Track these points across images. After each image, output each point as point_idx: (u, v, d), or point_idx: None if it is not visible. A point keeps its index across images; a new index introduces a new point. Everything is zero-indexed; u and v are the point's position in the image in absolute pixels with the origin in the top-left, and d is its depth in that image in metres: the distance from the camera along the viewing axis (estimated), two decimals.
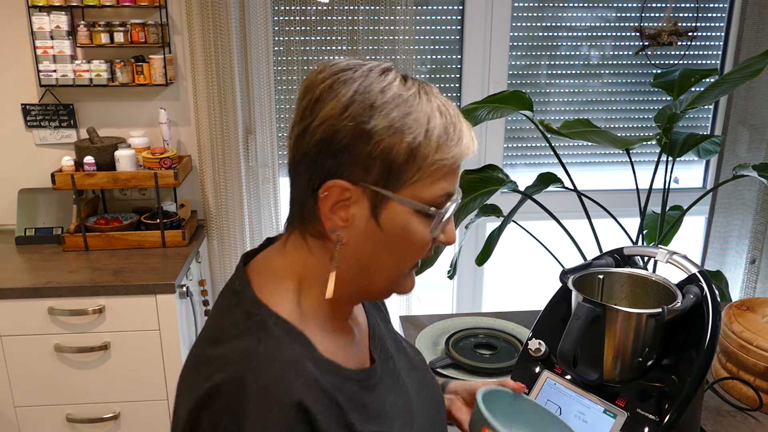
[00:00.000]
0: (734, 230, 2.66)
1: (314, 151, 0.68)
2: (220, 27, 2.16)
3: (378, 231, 0.70)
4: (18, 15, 2.19)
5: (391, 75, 0.69)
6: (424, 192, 0.69)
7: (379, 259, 0.72)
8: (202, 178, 2.35)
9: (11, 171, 2.35)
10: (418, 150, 0.67)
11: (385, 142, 0.66)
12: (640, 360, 1.04)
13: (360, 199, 0.69)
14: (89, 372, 1.98)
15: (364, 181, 0.68)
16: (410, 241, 0.71)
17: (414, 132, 0.67)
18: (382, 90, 0.67)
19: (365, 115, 0.66)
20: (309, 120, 0.68)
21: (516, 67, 2.52)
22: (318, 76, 0.70)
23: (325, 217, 0.69)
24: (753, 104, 2.49)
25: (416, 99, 0.68)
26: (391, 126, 0.66)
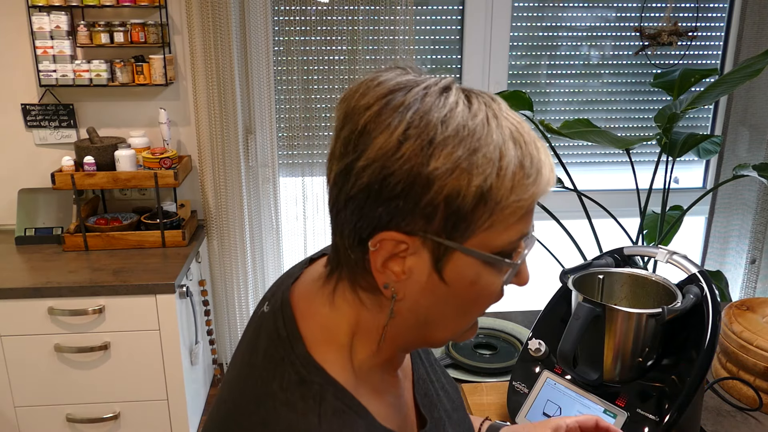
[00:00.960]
0: (734, 230, 2.66)
1: (361, 197, 0.56)
2: (220, 27, 2.16)
3: (441, 285, 0.59)
4: (18, 15, 2.19)
5: (453, 97, 0.57)
6: (496, 239, 0.58)
7: (442, 313, 0.62)
8: (202, 178, 2.35)
9: (11, 171, 2.35)
10: (489, 193, 0.55)
11: (448, 187, 0.54)
12: (640, 360, 1.04)
13: (419, 251, 0.58)
14: (89, 372, 1.98)
15: (424, 231, 0.56)
16: (479, 294, 0.61)
17: (484, 172, 0.55)
18: (443, 120, 0.55)
19: (424, 155, 0.54)
20: (352, 157, 0.56)
21: (516, 67, 2.52)
22: (361, 102, 0.57)
23: (376, 271, 0.59)
24: (753, 104, 2.49)
25: (485, 128, 0.56)
26: (456, 167, 0.54)
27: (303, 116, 2.38)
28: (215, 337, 2.48)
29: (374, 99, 0.56)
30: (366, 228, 0.57)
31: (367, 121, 0.56)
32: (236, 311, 2.49)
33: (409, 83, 0.57)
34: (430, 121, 0.54)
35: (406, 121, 0.55)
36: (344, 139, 0.57)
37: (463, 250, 0.57)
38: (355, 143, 0.56)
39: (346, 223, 0.58)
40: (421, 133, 0.54)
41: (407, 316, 0.62)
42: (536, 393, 1.11)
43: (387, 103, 0.56)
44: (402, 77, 0.58)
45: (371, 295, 0.62)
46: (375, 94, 0.57)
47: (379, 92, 0.57)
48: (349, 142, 0.57)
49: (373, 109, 0.56)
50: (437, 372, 0.81)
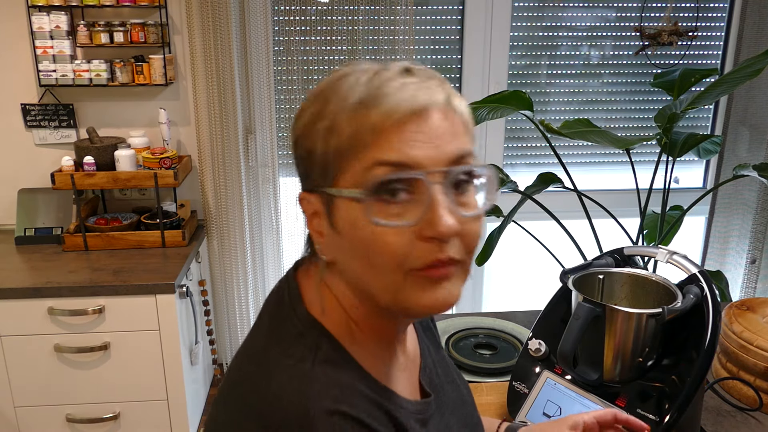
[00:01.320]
0: (734, 230, 2.66)
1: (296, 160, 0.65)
2: (220, 27, 2.16)
3: (338, 238, 0.60)
4: (18, 15, 2.19)
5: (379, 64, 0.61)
6: (355, 175, 0.57)
7: (356, 269, 0.61)
8: (202, 178, 2.35)
9: (11, 171, 2.35)
10: (333, 129, 0.58)
11: (309, 138, 0.60)
12: (640, 360, 1.04)
13: (318, 207, 0.62)
14: (89, 372, 1.98)
15: (313, 186, 0.61)
16: (366, 240, 0.57)
17: (330, 114, 0.58)
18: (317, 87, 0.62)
19: (294, 123, 0.63)
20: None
21: (516, 67, 2.52)
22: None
23: (311, 232, 0.65)
24: (753, 104, 2.49)
25: (342, 80, 0.59)
26: (311, 121, 0.60)
27: None
28: (215, 337, 2.48)
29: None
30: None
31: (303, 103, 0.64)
32: (236, 311, 2.48)
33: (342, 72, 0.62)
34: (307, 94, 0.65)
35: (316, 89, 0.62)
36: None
37: (334, 192, 0.59)
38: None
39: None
40: (300, 107, 0.62)
41: (347, 281, 0.64)
42: (536, 393, 1.11)
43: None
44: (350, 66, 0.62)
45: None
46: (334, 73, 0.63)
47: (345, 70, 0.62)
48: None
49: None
50: (448, 368, 0.82)
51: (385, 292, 0.60)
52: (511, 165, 2.63)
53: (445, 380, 0.79)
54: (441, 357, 0.83)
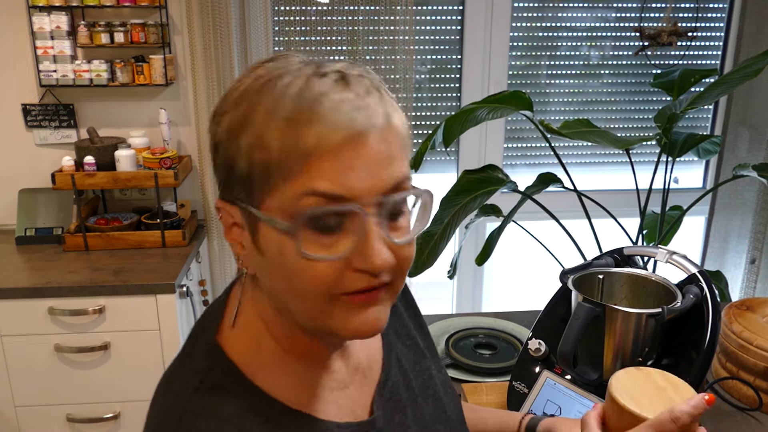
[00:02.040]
0: (734, 230, 2.66)
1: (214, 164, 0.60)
2: (220, 27, 2.16)
3: (262, 258, 0.56)
4: (18, 15, 2.20)
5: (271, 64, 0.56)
6: (282, 201, 0.52)
7: (279, 292, 0.57)
8: (202, 178, 2.35)
9: (11, 171, 2.35)
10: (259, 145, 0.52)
11: (230, 149, 0.54)
12: (640, 360, 1.04)
13: (241, 220, 0.57)
14: (89, 372, 1.98)
15: (234, 199, 0.56)
16: (291, 268, 0.54)
17: (256, 126, 0.52)
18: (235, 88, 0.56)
19: (215, 124, 0.57)
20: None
21: (516, 67, 2.52)
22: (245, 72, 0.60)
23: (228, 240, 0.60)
24: (753, 104, 2.49)
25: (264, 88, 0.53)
26: (232, 129, 0.54)
27: None
28: None
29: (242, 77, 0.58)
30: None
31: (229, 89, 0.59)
32: None
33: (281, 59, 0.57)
34: (228, 92, 0.56)
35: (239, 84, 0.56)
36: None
37: (259, 215, 0.54)
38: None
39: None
40: (220, 104, 0.56)
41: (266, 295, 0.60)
42: (536, 393, 1.11)
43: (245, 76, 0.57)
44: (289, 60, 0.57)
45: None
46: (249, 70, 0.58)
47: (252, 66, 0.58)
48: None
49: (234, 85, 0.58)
50: (428, 380, 0.77)
51: (308, 318, 0.57)
52: (511, 165, 2.63)
53: (420, 395, 0.74)
54: (423, 368, 0.77)
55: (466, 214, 1.91)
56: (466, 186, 1.94)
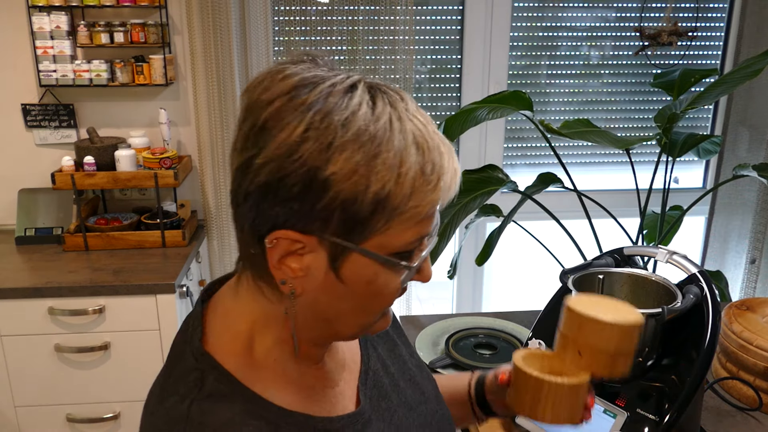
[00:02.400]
0: (734, 230, 2.66)
1: (258, 195, 0.55)
2: (220, 27, 2.16)
3: (338, 284, 0.59)
4: (18, 15, 2.19)
5: (357, 98, 0.55)
6: (394, 241, 0.57)
7: (341, 310, 0.61)
8: (202, 178, 2.35)
9: (11, 171, 2.35)
10: (387, 200, 0.54)
11: (345, 192, 0.53)
12: (640, 360, 1.04)
13: (317, 249, 0.57)
14: (89, 372, 1.98)
15: (321, 232, 0.56)
16: (377, 293, 0.60)
17: (383, 179, 0.54)
18: (344, 123, 0.53)
19: (322, 158, 0.53)
20: (251, 152, 0.55)
21: (516, 67, 2.52)
22: (263, 96, 0.56)
23: (273, 267, 0.58)
24: (753, 104, 2.49)
25: (386, 133, 0.54)
26: (354, 172, 0.53)
27: None
28: None
29: (277, 94, 0.55)
30: (263, 225, 0.57)
31: (268, 117, 0.54)
32: None
33: (315, 79, 0.56)
34: (330, 123, 0.53)
35: (306, 121, 0.53)
36: (245, 133, 0.56)
37: (360, 251, 0.57)
38: (254, 139, 0.55)
39: (245, 218, 0.58)
40: (320, 135, 0.53)
41: (307, 312, 0.62)
42: None
43: (289, 100, 0.54)
44: (309, 72, 0.56)
45: (273, 288, 0.61)
46: (278, 89, 0.55)
47: (283, 87, 0.55)
48: (249, 137, 0.56)
49: (275, 105, 0.54)
50: (404, 365, 0.80)
51: (354, 328, 0.64)
52: (511, 165, 2.63)
53: (400, 379, 0.77)
54: (397, 355, 0.80)
55: (466, 214, 1.91)
56: (466, 186, 1.94)
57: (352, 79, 0.57)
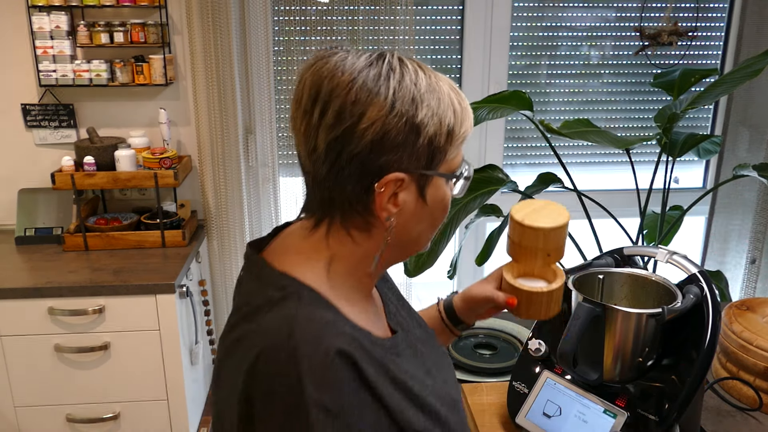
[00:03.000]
0: (734, 230, 2.66)
1: (366, 151, 0.70)
2: (220, 27, 2.16)
3: (424, 207, 0.76)
4: (18, 15, 2.20)
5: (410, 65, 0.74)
6: (452, 163, 0.77)
7: (422, 229, 0.79)
8: (202, 178, 2.35)
9: (11, 171, 2.35)
10: (453, 130, 0.74)
11: (431, 130, 0.72)
12: (640, 360, 1.04)
13: (409, 184, 0.73)
14: (89, 372, 1.98)
15: (415, 168, 0.73)
16: (444, 206, 0.79)
17: (449, 114, 0.73)
18: (414, 82, 0.71)
19: (411, 111, 0.70)
20: (349, 122, 0.69)
21: (516, 67, 2.52)
22: (342, 78, 0.70)
23: (381, 209, 0.73)
24: (753, 104, 2.49)
25: (437, 83, 0.74)
26: (433, 114, 0.72)
27: None
28: (215, 337, 2.48)
29: (355, 74, 0.70)
30: (371, 175, 0.71)
31: (357, 91, 0.69)
32: None
33: (371, 57, 0.73)
34: (406, 85, 0.71)
35: (390, 87, 0.70)
36: (336, 111, 0.69)
37: (438, 174, 0.75)
38: (350, 111, 0.69)
39: (349, 177, 0.71)
40: (404, 95, 0.70)
41: (395, 241, 0.77)
42: (536, 393, 1.11)
43: (367, 76, 0.70)
44: (357, 55, 0.73)
45: (362, 232, 0.76)
46: (352, 70, 0.70)
47: (355, 68, 0.71)
48: (342, 111, 0.69)
49: (358, 82, 0.69)
50: (411, 311, 0.95)
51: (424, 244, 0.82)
52: (511, 165, 2.63)
53: (410, 321, 0.91)
54: (402, 303, 0.95)
55: (466, 214, 1.91)
56: None
57: (389, 54, 0.74)
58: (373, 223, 0.75)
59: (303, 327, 0.67)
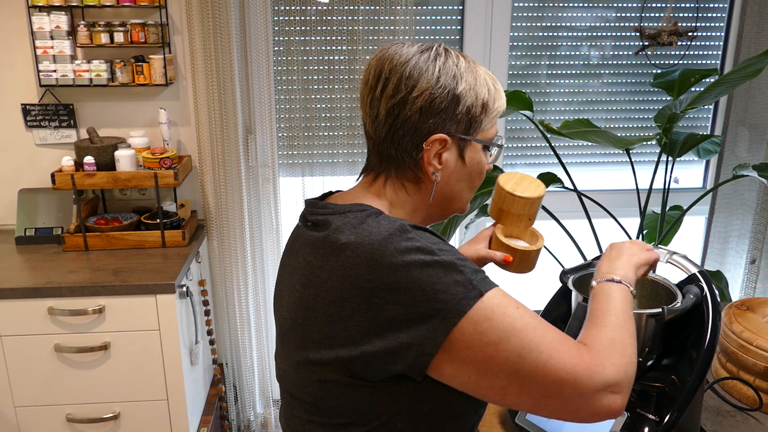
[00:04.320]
0: (734, 230, 2.66)
1: (416, 116, 0.87)
2: (220, 27, 2.16)
3: (463, 167, 0.93)
4: (18, 15, 2.20)
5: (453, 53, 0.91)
6: (488, 133, 0.93)
7: (461, 188, 0.95)
8: (202, 178, 2.35)
9: (11, 171, 2.35)
10: (487, 104, 0.91)
11: (468, 101, 0.89)
12: (640, 360, 1.04)
13: (451, 146, 0.90)
14: (89, 372, 1.98)
15: (456, 131, 0.89)
16: (480, 170, 0.95)
17: (483, 91, 0.90)
18: (456, 63, 0.89)
19: (453, 84, 0.88)
20: (404, 93, 0.87)
21: (516, 67, 2.52)
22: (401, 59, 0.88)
23: (427, 163, 0.90)
24: (753, 104, 2.49)
25: (475, 66, 0.91)
26: (471, 88, 0.89)
27: (303, 116, 2.38)
28: (215, 337, 2.48)
29: (410, 56, 0.89)
30: (420, 135, 0.89)
31: (411, 69, 0.88)
32: (236, 311, 2.49)
33: (421, 48, 0.90)
34: (449, 65, 0.89)
35: (438, 65, 0.88)
36: (394, 84, 0.88)
37: (476, 140, 0.92)
38: (405, 83, 0.87)
39: (403, 136, 0.89)
40: (448, 72, 0.88)
41: (439, 196, 0.94)
42: None
43: (419, 59, 0.88)
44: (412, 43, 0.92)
45: (414, 184, 0.93)
46: (407, 53, 0.89)
47: (410, 51, 0.89)
48: (399, 84, 0.88)
49: (411, 62, 0.88)
50: None
51: (462, 203, 0.98)
52: (511, 165, 2.63)
53: None
54: None
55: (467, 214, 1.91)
56: None
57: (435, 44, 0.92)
58: (422, 178, 0.91)
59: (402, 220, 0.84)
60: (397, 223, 0.83)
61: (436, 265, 0.78)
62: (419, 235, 0.82)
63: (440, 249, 0.81)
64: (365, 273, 0.79)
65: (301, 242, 0.93)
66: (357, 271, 0.80)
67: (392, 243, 0.80)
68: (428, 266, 0.78)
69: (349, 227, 0.84)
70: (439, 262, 0.79)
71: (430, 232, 0.85)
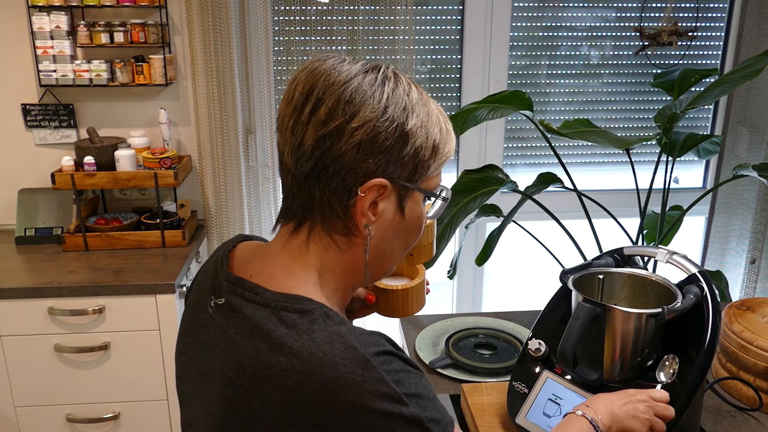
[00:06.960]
0: (734, 230, 2.66)
1: (352, 152, 0.69)
2: (220, 27, 2.16)
3: (402, 220, 0.76)
4: (18, 15, 2.20)
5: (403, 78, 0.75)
6: (431, 182, 0.77)
7: (395, 245, 0.79)
8: (202, 178, 2.35)
9: (11, 171, 2.35)
10: (438, 146, 0.75)
11: (418, 141, 0.72)
12: (640, 360, 1.04)
13: (391, 194, 0.73)
14: (89, 372, 1.98)
15: (399, 178, 0.73)
16: (418, 225, 0.79)
17: (435, 131, 0.75)
18: (407, 93, 0.73)
19: (402, 117, 0.71)
20: (340, 120, 0.69)
21: (516, 67, 2.52)
22: (339, 78, 0.70)
23: (360, 214, 0.73)
24: (753, 104, 2.49)
25: (427, 98, 0.76)
26: (422, 125, 0.73)
27: None
28: None
29: (351, 75, 0.71)
30: (355, 177, 0.71)
31: (352, 91, 0.69)
32: None
33: (365, 68, 0.73)
34: (399, 94, 0.72)
35: (385, 92, 0.71)
36: (329, 108, 0.69)
37: (420, 190, 0.75)
38: (343, 109, 0.69)
39: (333, 176, 0.71)
40: (397, 101, 0.71)
41: (373, 253, 0.77)
42: (536, 393, 1.11)
43: (363, 80, 0.71)
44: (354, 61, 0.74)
45: (344, 237, 0.75)
46: (349, 71, 0.71)
47: (352, 70, 0.71)
48: (335, 109, 0.69)
49: (354, 83, 0.70)
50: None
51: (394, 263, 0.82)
52: (511, 165, 2.63)
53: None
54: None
55: (466, 214, 1.91)
56: (466, 186, 1.95)
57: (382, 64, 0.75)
58: (353, 230, 0.74)
59: (359, 339, 0.68)
60: (357, 351, 0.66)
61: (400, 420, 0.66)
62: (385, 369, 0.67)
63: (407, 394, 0.67)
64: (313, 414, 0.65)
65: (216, 333, 0.75)
66: (304, 410, 0.65)
67: (352, 379, 0.65)
68: (392, 419, 0.66)
69: (291, 340, 0.67)
70: (405, 416, 0.67)
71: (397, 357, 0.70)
